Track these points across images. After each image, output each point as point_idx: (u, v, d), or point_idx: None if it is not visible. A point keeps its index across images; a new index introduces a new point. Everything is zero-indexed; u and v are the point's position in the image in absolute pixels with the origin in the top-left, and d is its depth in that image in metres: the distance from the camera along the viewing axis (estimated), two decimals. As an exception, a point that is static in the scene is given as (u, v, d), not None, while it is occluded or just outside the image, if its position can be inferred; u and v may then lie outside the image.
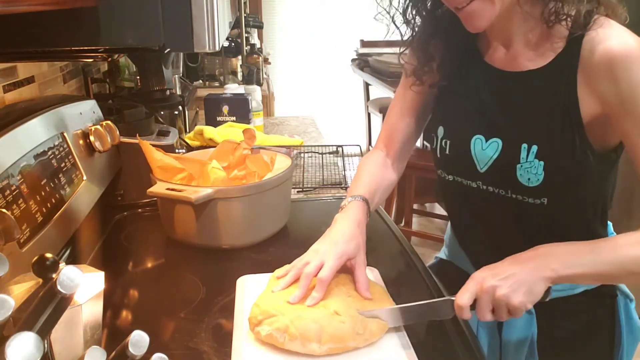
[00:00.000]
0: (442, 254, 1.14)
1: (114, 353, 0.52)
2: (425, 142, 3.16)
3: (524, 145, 0.81)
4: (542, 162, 0.80)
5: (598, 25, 0.76)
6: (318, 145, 1.81)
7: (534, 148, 0.80)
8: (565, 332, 0.94)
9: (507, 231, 0.93)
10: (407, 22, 0.92)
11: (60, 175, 0.94)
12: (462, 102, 0.92)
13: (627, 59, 0.74)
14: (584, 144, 0.79)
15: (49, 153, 0.92)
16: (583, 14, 0.77)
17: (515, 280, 0.72)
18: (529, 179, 0.82)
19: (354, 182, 0.98)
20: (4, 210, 0.69)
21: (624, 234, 0.78)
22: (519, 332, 0.93)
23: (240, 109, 1.87)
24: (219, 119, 1.87)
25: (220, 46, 0.63)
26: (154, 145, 1.13)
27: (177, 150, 1.39)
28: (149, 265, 1.10)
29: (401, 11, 0.92)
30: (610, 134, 0.80)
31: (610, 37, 0.75)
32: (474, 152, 0.88)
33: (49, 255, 0.54)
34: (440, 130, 0.94)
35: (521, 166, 0.82)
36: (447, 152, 0.93)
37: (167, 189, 1.01)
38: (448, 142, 0.92)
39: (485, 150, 0.86)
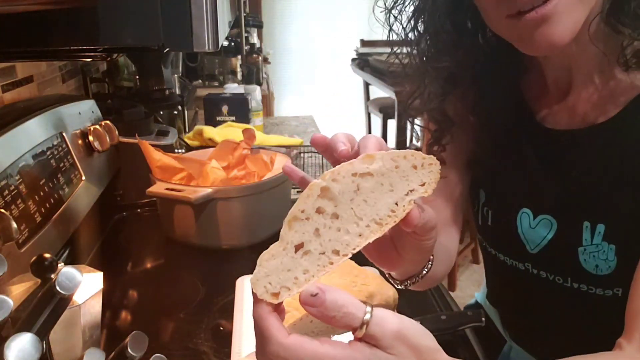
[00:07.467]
0: (482, 294, 0.95)
1: (113, 354, 0.52)
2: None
3: (586, 224, 0.64)
4: (612, 246, 0.62)
5: None
6: (318, 145, 1.81)
7: (600, 228, 0.63)
8: None
9: (564, 325, 0.74)
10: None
11: (59, 175, 0.93)
12: (505, 164, 0.74)
13: None
14: None
15: (48, 153, 0.92)
16: None
17: None
18: (596, 265, 0.64)
19: None
20: (2, 210, 0.69)
21: None
22: None
23: (240, 109, 1.87)
24: (218, 118, 1.87)
25: (220, 46, 0.63)
26: (153, 145, 1.12)
27: (176, 150, 1.39)
28: (148, 265, 1.10)
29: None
30: None
31: None
32: (521, 229, 0.71)
33: (47, 255, 0.54)
34: (482, 195, 0.78)
35: (584, 250, 0.64)
36: (489, 223, 0.77)
37: (167, 189, 1.01)
38: (490, 211, 0.76)
39: (534, 228, 0.70)
